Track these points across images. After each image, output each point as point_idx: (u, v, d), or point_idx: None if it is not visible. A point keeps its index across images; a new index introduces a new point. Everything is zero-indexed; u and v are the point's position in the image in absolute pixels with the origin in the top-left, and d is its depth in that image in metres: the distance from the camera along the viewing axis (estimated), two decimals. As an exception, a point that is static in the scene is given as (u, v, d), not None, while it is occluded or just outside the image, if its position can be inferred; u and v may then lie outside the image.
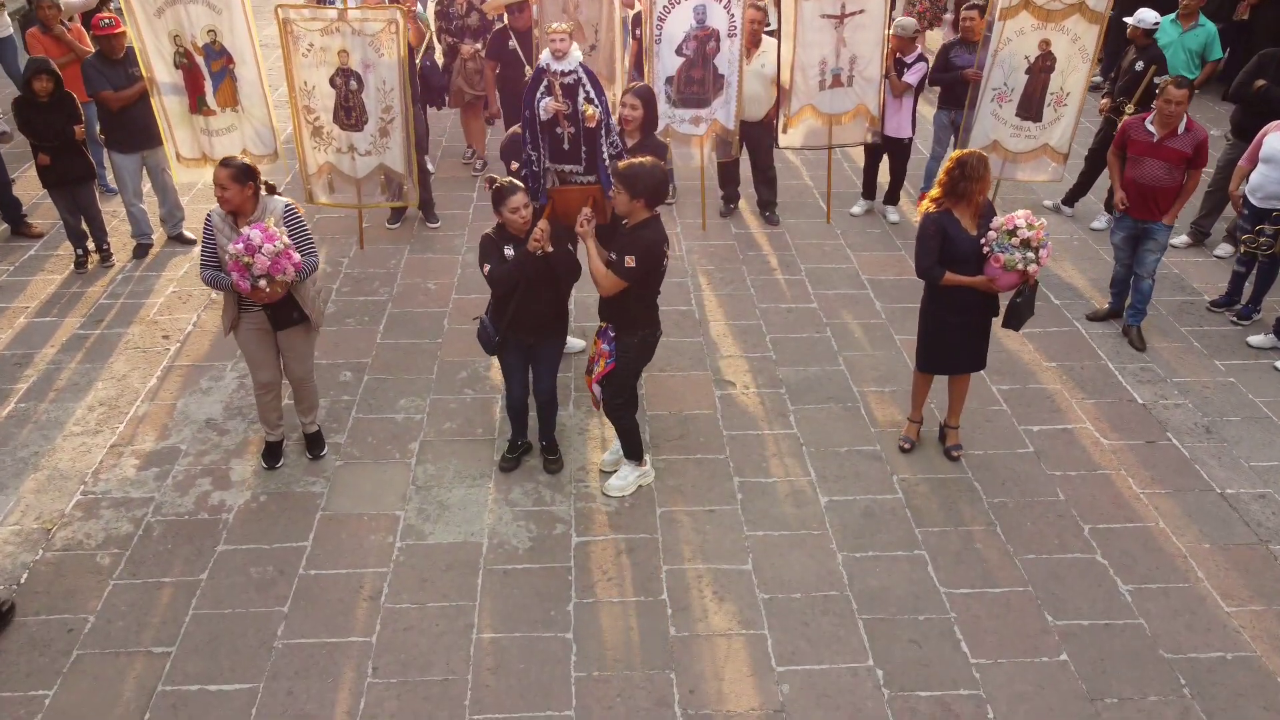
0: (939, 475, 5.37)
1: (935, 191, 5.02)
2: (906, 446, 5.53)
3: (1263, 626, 4.45)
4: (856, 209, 8.44)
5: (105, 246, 7.47)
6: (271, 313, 4.88)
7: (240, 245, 4.47)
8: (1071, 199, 8.46)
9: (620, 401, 4.96)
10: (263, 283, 4.53)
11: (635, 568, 4.73)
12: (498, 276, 4.83)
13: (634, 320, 4.79)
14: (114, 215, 7.95)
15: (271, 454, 5.36)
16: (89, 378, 6.14)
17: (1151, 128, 6.22)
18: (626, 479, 5.15)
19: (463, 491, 5.21)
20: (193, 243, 7.76)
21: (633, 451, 5.12)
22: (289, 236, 4.66)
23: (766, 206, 8.24)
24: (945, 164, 5.03)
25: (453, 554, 4.80)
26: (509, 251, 4.80)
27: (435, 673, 4.17)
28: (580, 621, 4.42)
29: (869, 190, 8.42)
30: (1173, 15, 8.41)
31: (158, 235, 7.83)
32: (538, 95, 5.19)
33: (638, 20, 8.00)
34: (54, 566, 4.71)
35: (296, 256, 4.64)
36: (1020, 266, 4.76)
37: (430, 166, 8.14)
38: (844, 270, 7.51)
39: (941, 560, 4.78)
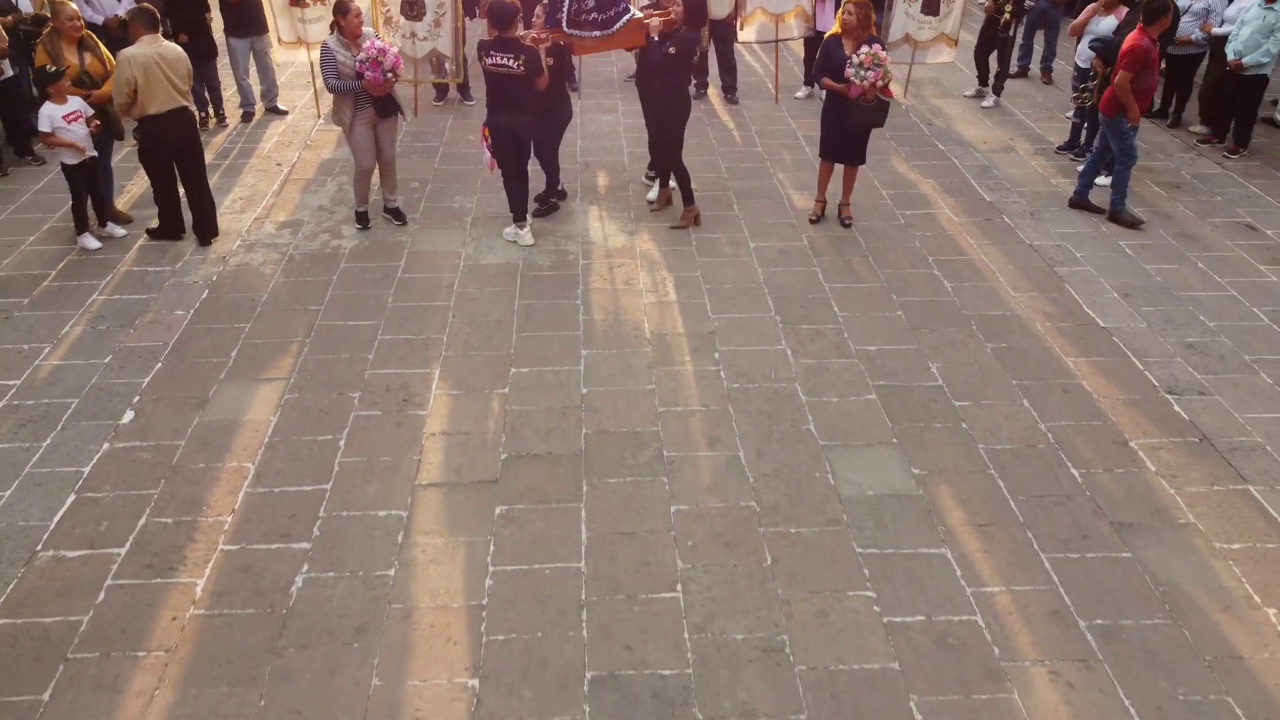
0: (834, 234, 7.71)
1: (835, 27, 7.35)
2: (813, 219, 7.86)
3: (1034, 303, 6.78)
4: (800, 93, 10.79)
5: (221, 111, 9.80)
6: (380, 104, 7.20)
7: (375, 50, 6.83)
8: (983, 84, 10.78)
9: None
10: (390, 75, 6.89)
11: (620, 274, 7.07)
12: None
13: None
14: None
15: (362, 219, 7.69)
16: (228, 185, 8.48)
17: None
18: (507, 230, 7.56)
19: (505, 242, 7.55)
20: (285, 113, 10.11)
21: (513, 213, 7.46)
22: None
23: (728, 90, 10.58)
24: None
25: (499, 269, 7.14)
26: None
27: (493, 316, 6.50)
28: (584, 298, 6.76)
29: (809, 78, 10.76)
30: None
31: (258, 107, 10.17)
32: None
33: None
34: (232, 274, 7.05)
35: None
36: (857, 80, 7.04)
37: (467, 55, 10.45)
38: (784, 129, 9.87)
39: (828, 271, 7.12)
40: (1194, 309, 6.67)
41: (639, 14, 7.67)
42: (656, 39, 7.30)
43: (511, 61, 6.93)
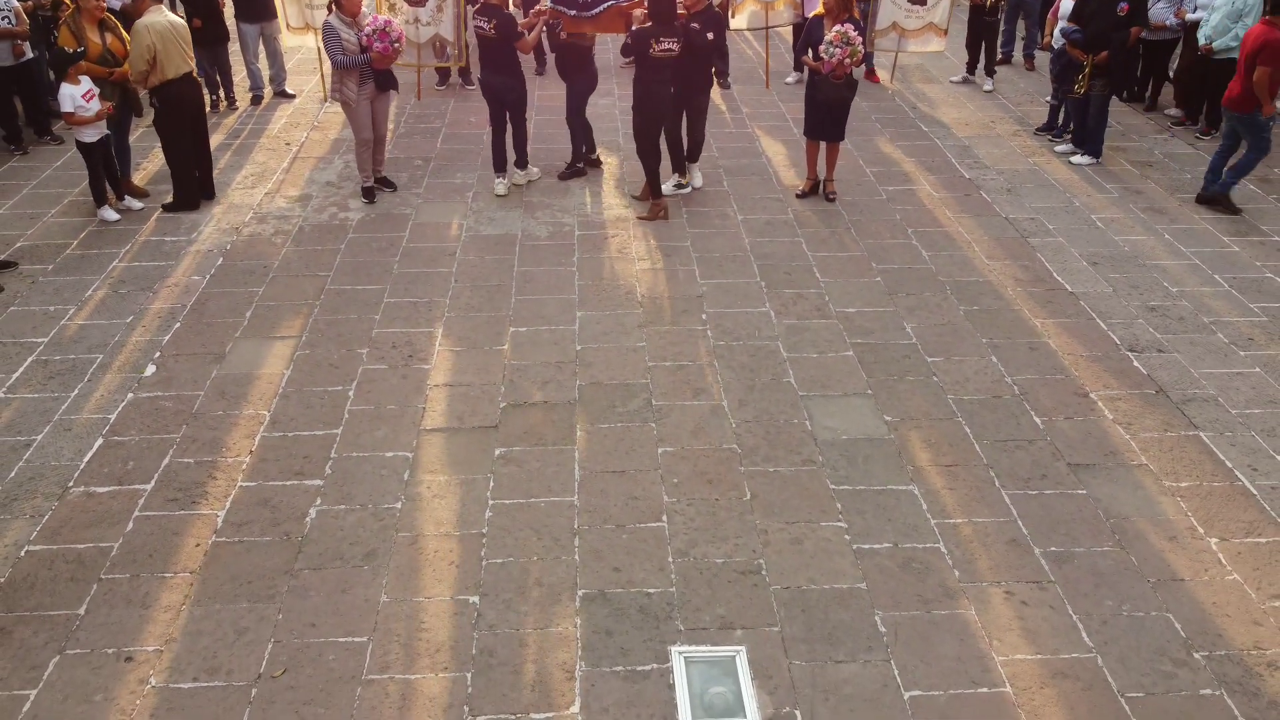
0: (819, 208, 8.06)
1: (820, 9, 7.71)
2: (800, 194, 8.22)
3: (1006, 270, 7.13)
4: (790, 79, 11.15)
5: (231, 94, 10.17)
6: (380, 78, 7.57)
7: (382, 22, 7.21)
8: (971, 71, 11.14)
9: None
10: (397, 44, 7.25)
11: (614, 244, 7.42)
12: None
13: None
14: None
15: (368, 193, 8.06)
16: (239, 163, 8.84)
17: None
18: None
19: (504, 214, 7.91)
20: (293, 97, 10.47)
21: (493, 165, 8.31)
22: None
23: (721, 75, 10.93)
24: None
25: (499, 239, 7.50)
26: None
27: (493, 281, 6.86)
28: (580, 265, 7.12)
29: (798, 64, 11.11)
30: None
31: (267, 91, 10.53)
32: None
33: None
34: (245, 244, 7.41)
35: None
36: (826, 57, 7.39)
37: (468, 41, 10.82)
38: (773, 112, 10.23)
39: (811, 241, 7.48)
40: (1158, 276, 7.03)
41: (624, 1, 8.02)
42: (697, 28, 7.44)
43: (486, 24, 7.51)
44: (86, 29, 7.46)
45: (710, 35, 7.54)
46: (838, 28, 7.34)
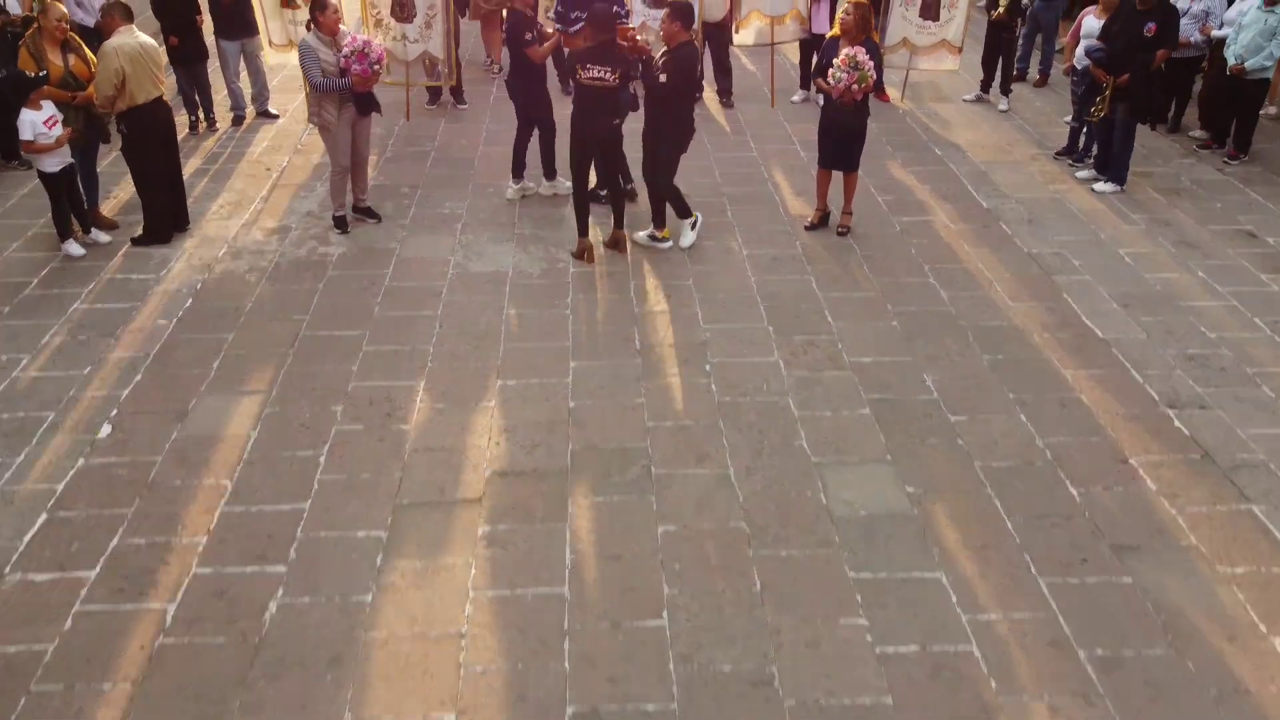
0: (829, 241, 7.57)
1: (835, 29, 7.22)
2: (809, 226, 7.73)
3: (1031, 313, 6.63)
4: (796, 97, 10.65)
5: (211, 115, 9.67)
6: (361, 102, 7.08)
7: (360, 43, 6.73)
8: (985, 89, 10.66)
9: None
10: (377, 66, 6.77)
11: (610, 283, 6.93)
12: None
13: None
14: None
15: (340, 223, 7.57)
16: (216, 190, 8.35)
17: None
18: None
19: (494, 247, 7.42)
20: (276, 117, 9.97)
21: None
22: None
23: (724, 93, 10.44)
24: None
25: (489, 276, 7.00)
26: None
27: (481, 325, 6.37)
28: (574, 307, 6.63)
29: (805, 82, 10.62)
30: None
31: (249, 111, 10.03)
32: None
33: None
34: (217, 282, 6.92)
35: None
36: (833, 83, 6.90)
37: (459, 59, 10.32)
38: (779, 133, 9.73)
39: (822, 279, 6.98)
40: (1194, 319, 6.54)
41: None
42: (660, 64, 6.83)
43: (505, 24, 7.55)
44: (48, 50, 6.98)
45: (664, 77, 6.72)
46: (847, 51, 6.86)
